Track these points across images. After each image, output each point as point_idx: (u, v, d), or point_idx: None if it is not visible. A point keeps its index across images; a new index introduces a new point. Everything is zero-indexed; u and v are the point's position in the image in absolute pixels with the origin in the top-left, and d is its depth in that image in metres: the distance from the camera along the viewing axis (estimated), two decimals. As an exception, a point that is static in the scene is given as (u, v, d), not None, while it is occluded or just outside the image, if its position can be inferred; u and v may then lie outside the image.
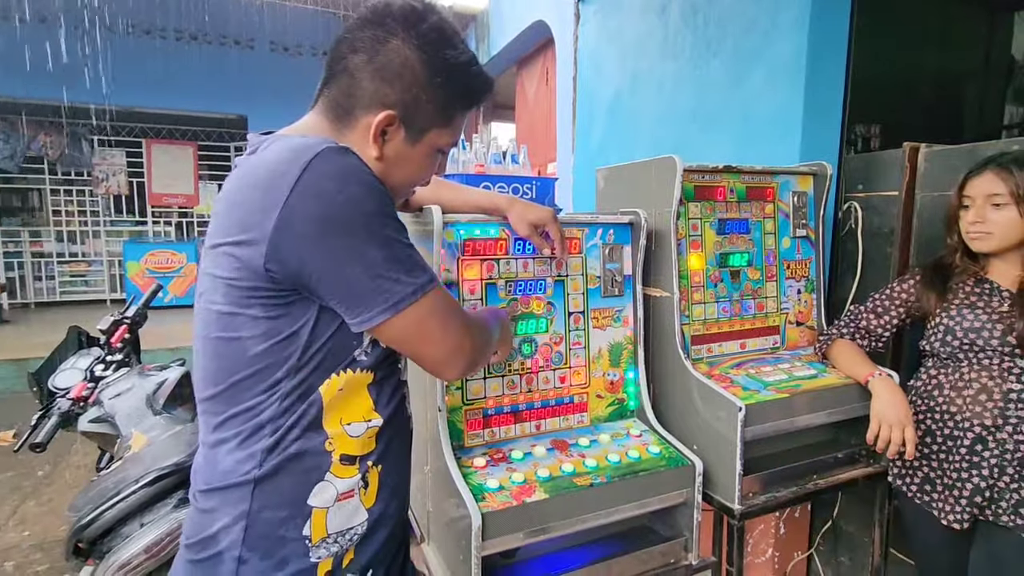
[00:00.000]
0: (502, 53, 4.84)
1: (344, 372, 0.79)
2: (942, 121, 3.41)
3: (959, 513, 1.19)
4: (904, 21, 3.04)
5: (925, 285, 1.31)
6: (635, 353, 1.37)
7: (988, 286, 1.24)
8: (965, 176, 1.26)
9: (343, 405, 0.80)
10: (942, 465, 1.25)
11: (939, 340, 1.27)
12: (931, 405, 1.28)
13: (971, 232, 1.22)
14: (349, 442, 0.81)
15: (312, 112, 0.83)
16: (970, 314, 1.22)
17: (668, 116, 2.52)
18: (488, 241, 1.22)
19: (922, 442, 1.28)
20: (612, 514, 1.15)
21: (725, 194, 1.49)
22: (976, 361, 1.22)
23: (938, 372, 1.29)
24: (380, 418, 0.83)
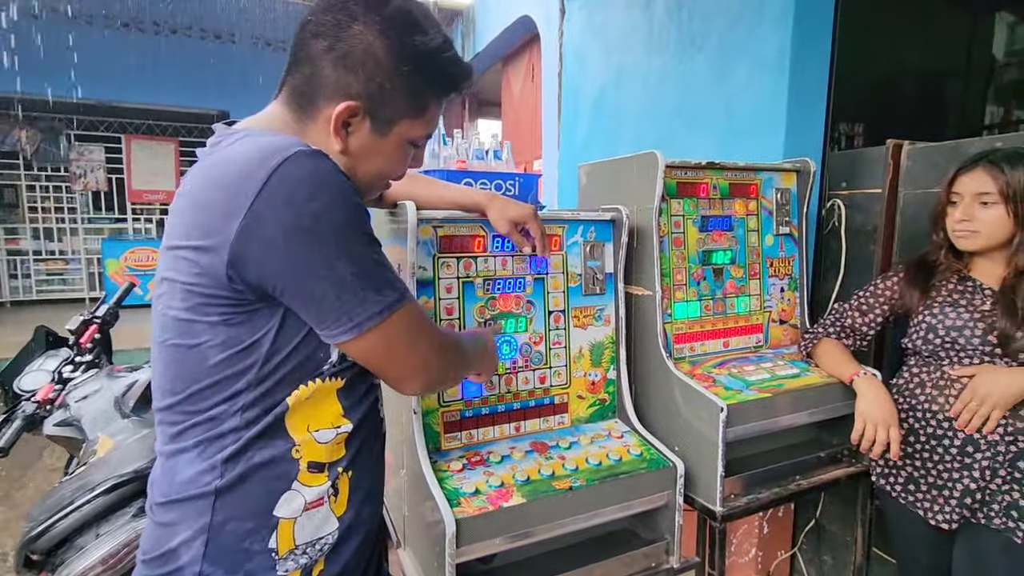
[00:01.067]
0: (488, 49, 4.79)
1: (312, 382, 0.75)
2: (925, 119, 3.44)
3: (948, 514, 1.18)
4: (888, 19, 3.05)
5: (908, 282, 1.30)
6: (617, 353, 1.34)
7: (971, 284, 1.23)
8: (955, 172, 1.24)
9: (311, 412, 0.76)
10: (926, 464, 1.24)
11: (921, 338, 1.26)
12: (913, 404, 1.27)
13: (957, 230, 1.20)
14: (317, 449, 0.77)
15: (275, 101, 0.79)
16: (952, 312, 1.21)
17: (652, 112, 2.50)
18: (465, 238, 1.19)
19: (905, 441, 1.27)
20: (592, 518, 1.12)
21: (708, 191, 1.47)
22: (957, 360, 1.21)
23: (920, 370, 1.28)
24: (350, 424, 0.79)
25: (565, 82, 3.32)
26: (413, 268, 1.11)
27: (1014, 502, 1.12)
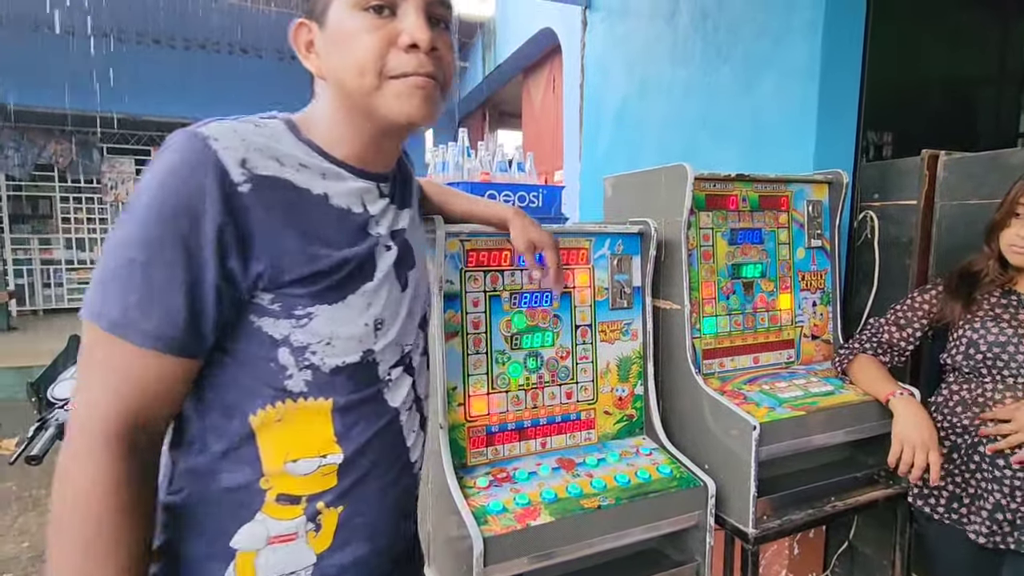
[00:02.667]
0: (509, 61, 4.83)
1: (281, 403, 0.66)
2: (956, 128, 3.35)
3: (979, 524, 1.14)
4: (919, 28, 2.99)
5: (949, 294, 1.26)
6: (644, 368, 1.32)
7: (1016, 298, 1.19)
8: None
9: (287, 437, 0.67)
10: (964, 475, 1.20)
11: (962, 353, 1.21)
12: (954, 423, 1.22)
13: (1017, 245, 1.16)
14: (291, 481, 0.68)
15: None
16: (995, 327, 1.17)
17: (677, 123, 2.48)
18: (492, 252, 1.18)
19: (948, 459, 1.22)
20: (621, 538, 1.10)
21: (737, 203, 1.45)
22: (1000, 380, 1.16)
23: (960, 388, 1.24)
24: (341, 453, 0.69)
25: (587, 93, 3.32)
26: (440, 282, 1.11)
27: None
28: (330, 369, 0.68)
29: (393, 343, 0.74)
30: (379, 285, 0.71)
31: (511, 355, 1.20)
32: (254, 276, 0.62)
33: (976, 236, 1.30)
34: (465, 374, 1.16)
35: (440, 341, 1.11)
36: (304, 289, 0.64)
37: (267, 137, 0.64)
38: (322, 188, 0.67)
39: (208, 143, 0.59)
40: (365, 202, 0.71)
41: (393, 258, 0.73)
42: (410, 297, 0.77)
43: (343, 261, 0.67)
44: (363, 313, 0.69)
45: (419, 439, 0.81)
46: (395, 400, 0.75)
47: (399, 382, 0.75)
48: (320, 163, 0.67)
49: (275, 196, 0.62)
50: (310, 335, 0.66)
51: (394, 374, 0.75)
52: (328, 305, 0.66)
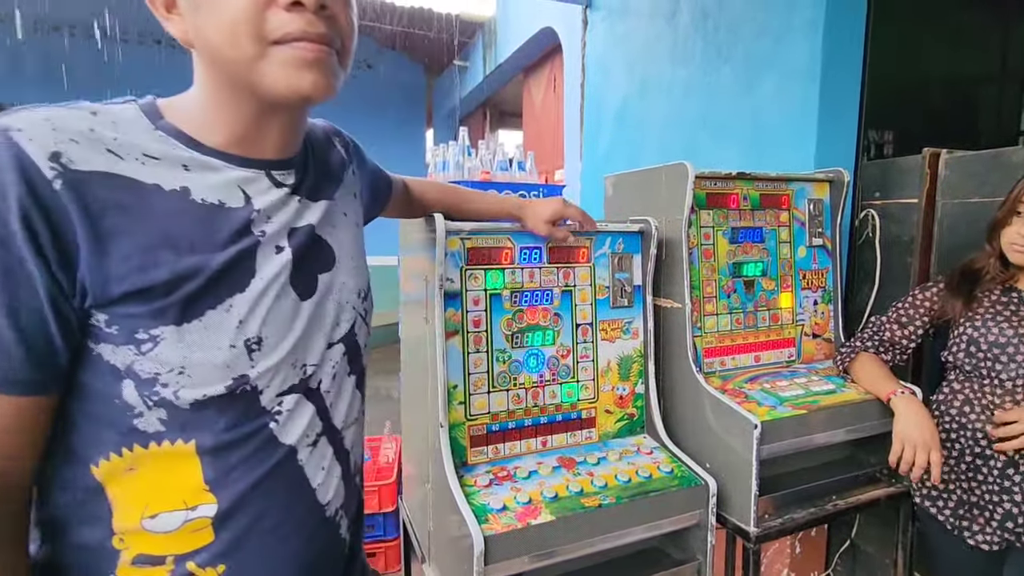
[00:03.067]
0: (509, 60, 4.83)
1: (129, 450, 0.55)
2: (958, 126, 3.34)
3: (989, 535, 1.13)
4: (919, 26, 2.98)
5: (951, 291, 1.25)
6: (645, 366, 1.32)
7: (1016, 296, 1.19)
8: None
9: (142, 489, 0.57)
10: (970, 484, 1.19)
11: (963, 351, 1.21)
12: (963, 423, 1.21)
13: (1019, 244, 1.15)
14: (151, 539, 0.57)
15: None
16: (995, 327, 1.16)
17: (677, 122, 2.48)
18: (492, 250, 1.18)
19: (956, 462, 1.21)
20: (622, 536, 1.09)
21: (738, 201, 1.45)
22: (999, 383, 1.16)
23: (962, 387, 1.23)
24: (216, 503, 0.58)
25: (588, 93, 3.32)
26: (441, 280, 1.11)
27: None
28: (189, 404, 0.56)
29: (283, 364, 0.61)
30: (258, 296, 0.58)
31: (512, 353, 1.20)
32: (80, 289, 0.51)
33: (978, 234, 1.30)
34: (466, 372, 1.16)
35: (440, 339, 1.11)
36: (142, 306, 0.53)
37: (101, 125, 0.53)
38: (179, 182, 0.55)
39: (9, 135, 0.49)
40: (248, 194, 0.59)
41: (284, 262, 0.61)
42: (314, 305, 0.64)
43: (194, 270, 0.54)
44: (229, 333, 0.57)
45: (330, 477, 0.67)
46: (288, 435, 0.62)
47: (295, 413, 0.63)
48: (181, 152, 0.56)
49: (100, 194, 0.51)
50: (157, 364, 0.54)
51: (286, 403, 0.62)
52: (176, 326, 0.54)
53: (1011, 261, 1.18)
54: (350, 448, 0.71)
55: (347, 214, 0.73)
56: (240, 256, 0.58)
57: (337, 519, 0.69)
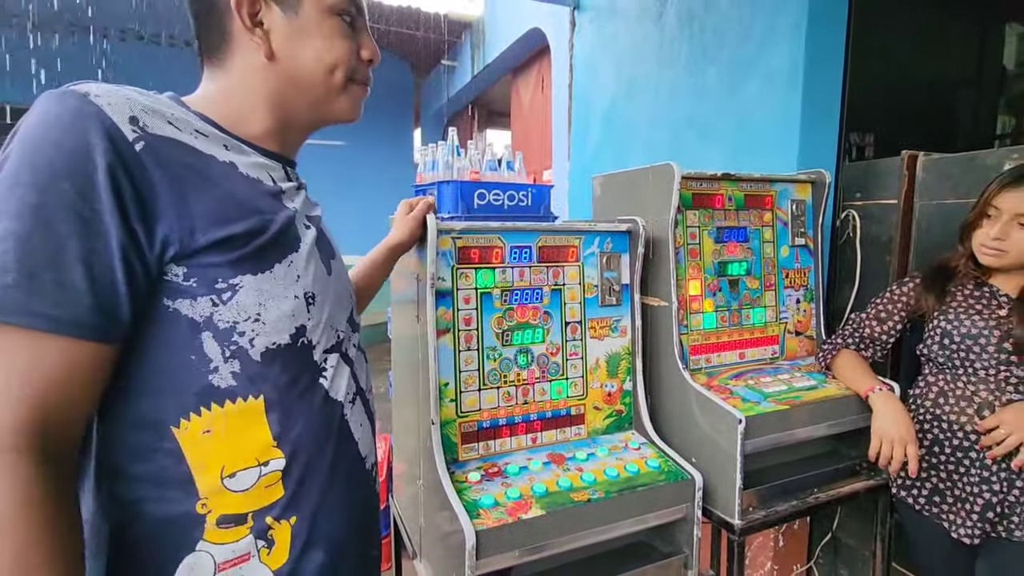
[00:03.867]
0: (497, 60, 4.84)
1: (207, 409, 0.58)
2: (936, 129, 3.43)
3: (970, 528, 1.16)
4: (898, 31, 3.05)
5: (925, 286, 1.29)
6: (633, 364, 1.34)
7: (988, 290, 1.22)
8: (1000, 186, 1.18)
9: (220, 449, 0.59)
10: (952, 477, 1.22)
11: (937, 343, 1.25)
12: (937, 414, 1.25)
13: (988, 246, 1.18)
14: (232, 499, 0.60)
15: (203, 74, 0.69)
16: (967, 319, 1.20)
17: (664, 123, 2.51)
18: (484, 249, 1.20)
19: (930, 452, 1.25)
20: (610, 531, 1.12)
21: (723, 202, 1.48)
22: (972, 372, 1.19)
23: (936, 379, 1.27)
24: (284, 456, 0.63)
25: (575, 93, 3.35)
26: (432, 279, 1.12)
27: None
28: (260, 354, 0.60)
29: (327, 322, 0.68)
30: (307, 257, 0.66)
31: (502, 351, 1.22)
32: (161, 242, 0.54)
33: (953, 235, 1.34)
34: (457, 370, 1.17)
35: (432, 337, 1.13)
36: (222, 256, 0.57)
37: (155, 101, 0.59)
38: (227, 156, 0.62)
39: (89, 99, 0.52)
40: (274, 179, 0.67)
41: (313, 236, 0.69)
42: (335, 282, 0.72)
43: (263, 225, 0.61)
44: (292, 285, 0.64)
45: (366, 434, 0.75)
46: (336, 391, 0.69)
47: (338, 371, 0.70)
48: (219, 133, 0.63)
49: (175, 157, 0.56)
50: (236, 311, 0.59)
51: (331, 360, 0.69)
52: (253, 275, 0.60)
53: (981, 263, 1.21)
54: (373, 411, 0.79)
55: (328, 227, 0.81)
56: (288, 221, 0.65)
57: (373, 473, 0.77)
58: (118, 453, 0.58)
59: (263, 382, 0.61)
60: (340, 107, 0.71)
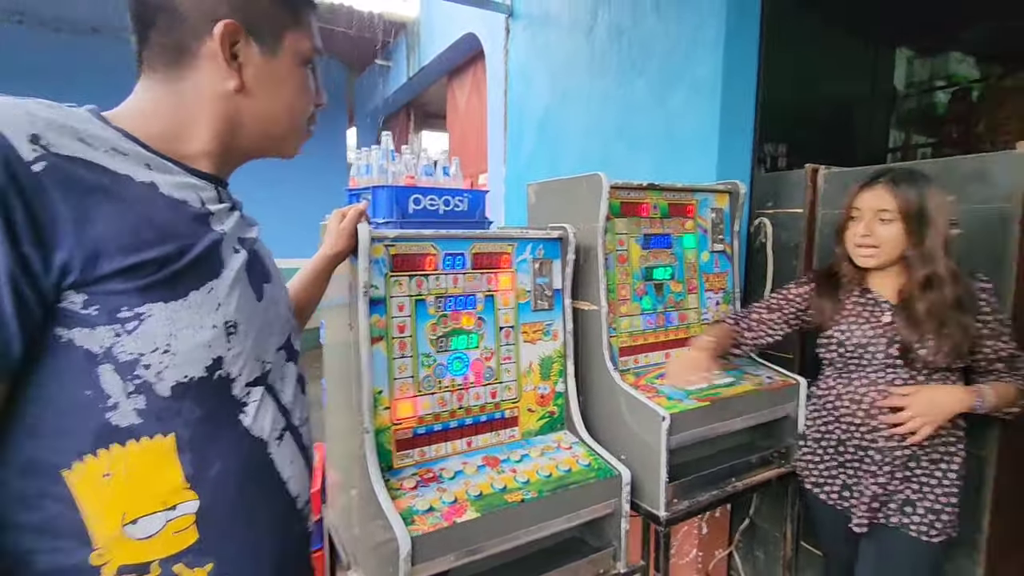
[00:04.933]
0: (433, 63, 4.81)
1: (104, 451, 0.54)
2: (841, 143, 3.75)
3: (860, 518, 1.28)
4: (806, 51, 3.31)
5: (819, 295, 1.38)
6: (565, 366, 1.39)
7: (872, 297, 1.32)
8: (858, 189, 1.30)
9: (121, 494, 0.55)
10: (856, 473, 1.32)
11: (833, 352, 1.34)
12: (837, 416, 1.34)
13: (861, 244, 1.27)
14: (134, 547, 0.56)
15: (139, 82, 0.65)
16: (858, 330, 1.29)
17: (596, 132, 2.60)
18: (417, 257, 1.20)
19: (836, 451, 1.35)
20: (544, 529, 1.15)
21: (649, 210, 1.55)
22: (865, 375, 1.29)
23: (836, 381, 1.36)
24: (198, 499, 0.59)
25: (510, 100, 3.39)
26: (365, 287, 1.11)
27: (907, 499, 1.23)
28: (170, 388, 0.56)
29: (250, 354, 0.64)
30: (231, 284, 0.62)
31: (437, 357, 1.23)
32: (59, 268, 0.50)
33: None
34: (391, 377, 1.17)
35: (365, 345, 1.12)
36: (129, 283, 0.53)
37: (66, 116, 0.55)
38: (147, 176, 0.58)
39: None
40: (203, 200, 0.64)
41: (242, 260, 0.65)
42: (265, 308, 0.68)
43: (180, 250, 0.57)
44: (211, 313, 0.59)
45: (298, 471, 0.71)
46: (259, 428, 0.65)
47: (262, 405, 0.66)
48: (141, 151, 0.59)
49: (81, 177, 0.52)
50: (141, 342, 0.54)
51: (254, 394, 0.65)
52: (164, 303, 0.56)
53: (857, 263, 1.31)
54: (308, 445, 0.75)
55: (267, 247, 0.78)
56: (212, 246, 0.62)
57: (305, 512, 0.73)
58: (4, 502, 0.53)
59: (173, 419, 0.57)
60: (289, 147, 0.74)
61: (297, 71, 0.70)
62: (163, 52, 0.63)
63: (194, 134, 0.65)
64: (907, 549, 1.24)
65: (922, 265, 1.20)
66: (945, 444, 1.24)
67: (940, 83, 3.94)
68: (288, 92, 0.70)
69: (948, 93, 3.87)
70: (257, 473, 0.65)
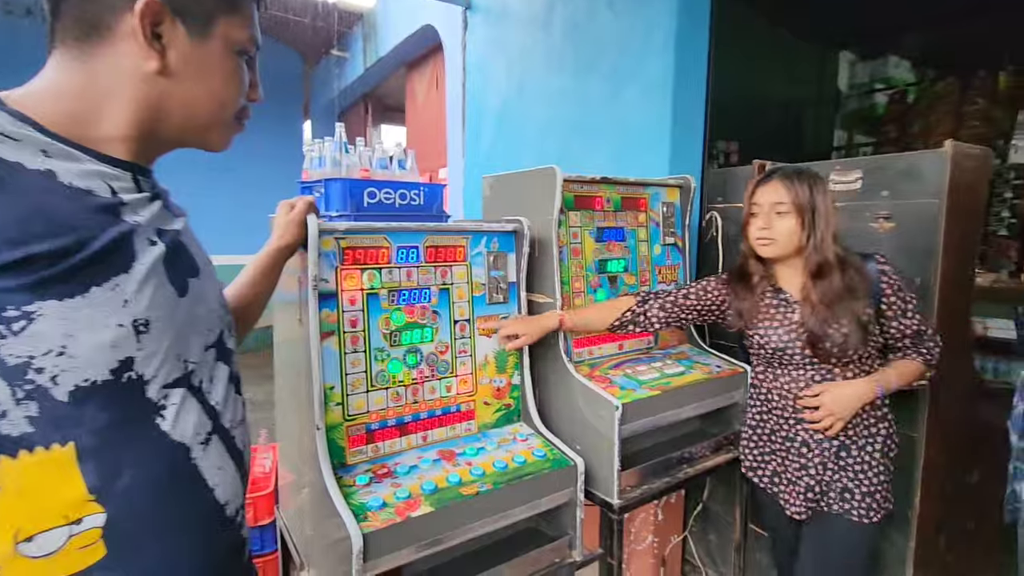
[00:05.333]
0: (391, 54, 4.74)
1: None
2: (789, 141, 3.90)
3: (798, 507, 1.33)
4: (754, 53, 3.42)
5: (737, 298, 1.40)
6: (521, 359, 1.40)
7: (783, 296, 1.36)
8: (755, 185, 1.35)
9: (13, 509, 0.52)
10: (784, 462, 1.38)
11: (756, 351, 1.39)
12: (769, 408, 1.39)
13: (760, 237, 1.31)
14: (30, 567, 0.52)
15: (50, 58, 0.60)
16: (774, 333, 1.33)
17: (553, 127, 2.61)
18: (369, 250, 1.18)
19: (769, 439, 1.41)
20: (500, 520, 1.16)
21: (603, 203, 1.58)
22: (787, 372, 1.34)
23: (766, 375, 1.40)
24: (104, 511, 0.54)
25: (469, 93, 3.37)
26: (315, 280, 1.09)
27: (845, 487, 1.29)
28: (68, 393, 0.52)
29: (168, 353, 0.60)
30: (142, 279, 0.58)
31: (390, 352, 1.21)
32: None
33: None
34: (343, 373, 1.15)
35: (315, 341, 1.10)
36: (17, 279, 0.49)
37: None
38: (43, 164, 0.54)
39: None
40: (114, 188, 0.59)
41: (159, 254, 0.61)
42: (190, 305, 0.64)
43: (78, 243, 0.53)
44: (117, 311, 0.55)
45: (228, 478, 0.66)
46: (180, 432, 0.60)
47: (184, 409, 0.61)
48: (38, 137, 0.55)
49: None
50: (32, 344, 0.50)
51: (173, 396, 0.60)
52: (58, 301, 0.51)
53: (760, 255, 1.34)
54: (242, 449, 0.71)
55: (195, 238, 0.73)
56: (120, 238, 0.57)
57: (238, 519, 0.69)
58: None
59: (73, 426, 0.52)
60: (214, 139, 0.68)
61: (228, 60, 0.65)
62: (76, 26, 0.58)
63: (107, 116, 0.59)
64: (848, 532, 1.30)
65: (815, 254, 1.26)
66: (867, 428, 1.30)
67: (879, 86, 4.14)
68: (215, 81, 0.65)
69: (887, 95, 4.07)
70: (178, 481, 0.61)
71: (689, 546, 2.14)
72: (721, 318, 1.46)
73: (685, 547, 2.15)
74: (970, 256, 1.58)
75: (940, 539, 1.60)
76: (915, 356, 1.30)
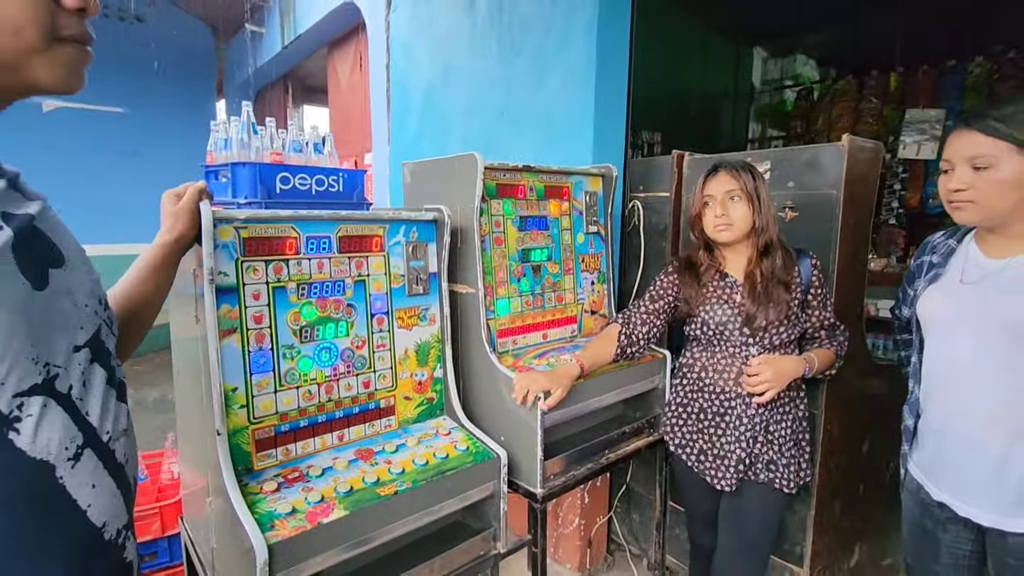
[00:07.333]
0: (311, 32, 4.48)
1: None
2: (708, 132, 4.06)
3: (728, 479, 1.40)
4: (675, 45, 3.51)
5: (684, 283, 1.47)
6: (443, 351, 1.36)
7: (728, 280, 1.44)
8: (705, 179, 1.42)
9: None
10: (712, 438, 1.44)
11: (699, 329, 1.45)
12: (701, 386, 1.46)
13: (719, 224, 1.38)
14: None
15: None
16: (719, 311, 1.41)
17: (479, 112, 2.56)
18: (274, 240, 1.10)
19: (697, 418, 1.46)
20: (422, 518, 1.13)
21: (525, 192, 1.56)
22: (724, 349, 1.42)
23: (700, 355, 1.47)
24: None
25: (393, 75, 3.25)
26: (212, 274, 1.00)
27: (771, 459, 1.38)
28: None
29: (18, 356, 0.52)
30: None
31: (301, 349, 1.14)
32: None
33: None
34: (247, 373, 1.07)
35: (214, 339, 1.01)
36: None
37: None
38: None
39: None
40: None
41: (4, 239, 0.53)
42: (49, 298, 0.57)
43: None
44: None
45: (104, 496, 0.59)
46: (40, 447, 0.53)
47: (45, 420, 0.54)
48: None
49: None
50: None
51: (30, 406, 0.53)
52: None
53: (718, 241, 1.42)
54: (123, 462, 0.63)
55: (61, 223, 0.63)
56: None
57: (120, 541, 0.62)
58: None
59: None
60: (41, 75, 0.53)
61: None
62: None
63: None
64: (771, 500, 1.40)
65: (763, 234, 1.37)
66: (790, 403, 1.42)
67: (788, 82, 4.39)
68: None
69: (795, 91, 4.32)
70: (38, 503, 0.53)
71: (614, 526, 2.20)
72: (679, 308, 1.51)
73: (610, 527, 2.22)
74: (864, 243, 1.70)
75: (836, 506, 1.73)
76: (829, 347, 1.44)
